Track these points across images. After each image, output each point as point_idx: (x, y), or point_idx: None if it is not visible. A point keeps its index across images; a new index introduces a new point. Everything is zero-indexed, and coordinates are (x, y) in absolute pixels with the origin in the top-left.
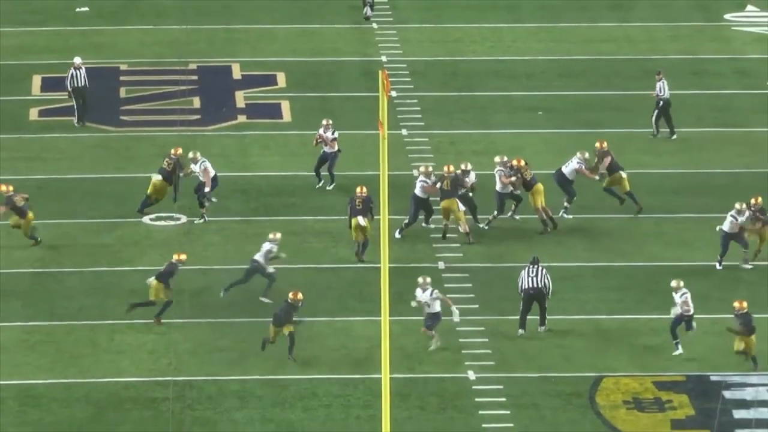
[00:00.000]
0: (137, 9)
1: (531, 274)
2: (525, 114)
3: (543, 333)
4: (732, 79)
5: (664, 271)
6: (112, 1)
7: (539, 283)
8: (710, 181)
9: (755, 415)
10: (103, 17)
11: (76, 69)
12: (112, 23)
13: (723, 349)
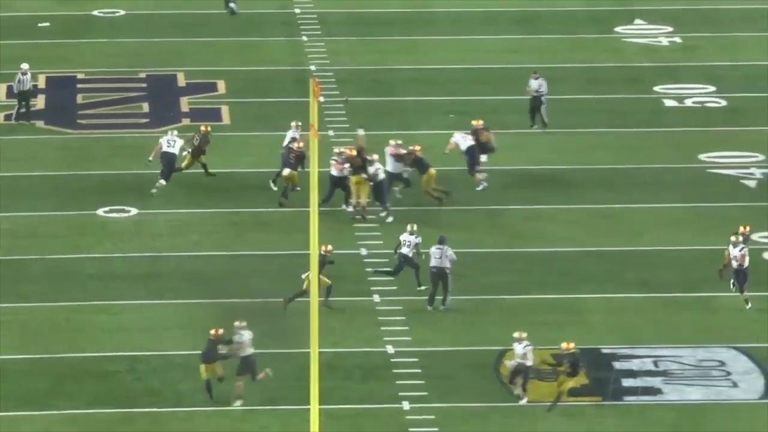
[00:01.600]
0: (93, 24)
1: (436, 255)
2: (439, 117)
3: (453, 311)
4: (624, 86)
5: (561, 256)
6: (71, 17)
7: (443, 263)
8: (604, 176)
9: (642, 383)
10: (62, 32)
11: (23, 74)
12: (70, 37)
13: (612, 324)
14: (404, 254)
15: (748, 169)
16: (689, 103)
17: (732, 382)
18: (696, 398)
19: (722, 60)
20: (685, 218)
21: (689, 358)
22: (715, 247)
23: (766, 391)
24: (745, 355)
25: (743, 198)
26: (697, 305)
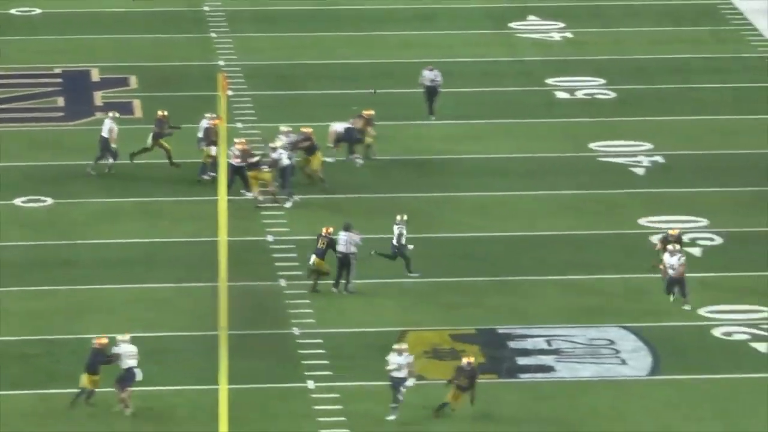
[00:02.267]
0: (12, 22)
1: (342, 241)
2: (342, 109)
3: (356, 294)
4: (518, 80)
5: (460, 240)
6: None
7: (348, 249)
8: (500, 164)
9: (535, 362)
10: None
11: None
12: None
13: (508, 305)
14: (399, 246)
15: (636, 157)
16: (580, 95)
17: (621, 360)
18: (587, 375)
19: (610, 54)
20: (577, 204)
21: (581, 337)
22: (605, 231)
23: (653, 368)
24: (634, 334)
25: (632, 185)
26: (589, 287)
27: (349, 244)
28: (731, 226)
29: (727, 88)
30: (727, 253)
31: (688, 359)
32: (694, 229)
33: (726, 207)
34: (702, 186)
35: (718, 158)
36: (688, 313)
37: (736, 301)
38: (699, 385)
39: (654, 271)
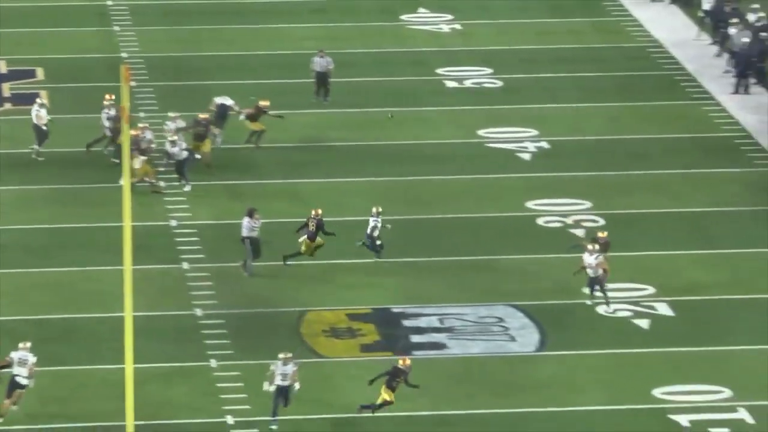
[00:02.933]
0: None
1: (246, 226)
2: (241, 98)
3: (256, 275)
4: (410, 69)
5: (356, 224)
6: None
7: (252, 233)
8: (393, 150)
9: (428, 339)
10: None
11: None
12: None
13: (403, 286)
14: (374, 237)
15: (522, 143)
16: (468, 84)
17: (510, 337)
18: (477, 351)
19: (497, 45)
20: (467, 189)
21: (471, 315)
22: (493, 214)
23: (540, 344)
24: (522, 312)
25: (519, 170)
26: (479, 267)
27: (253, 229)
28: (613, 209)
29: (608, 77)
30: (609, 234)
31: (574, 335)
32: (578, 212)
33: (608, 190)
34: (585, 170)
35: (600, 143)
36: (573, 291)
37: (619, 280)
38: (583, 359)
39: (580, 272)
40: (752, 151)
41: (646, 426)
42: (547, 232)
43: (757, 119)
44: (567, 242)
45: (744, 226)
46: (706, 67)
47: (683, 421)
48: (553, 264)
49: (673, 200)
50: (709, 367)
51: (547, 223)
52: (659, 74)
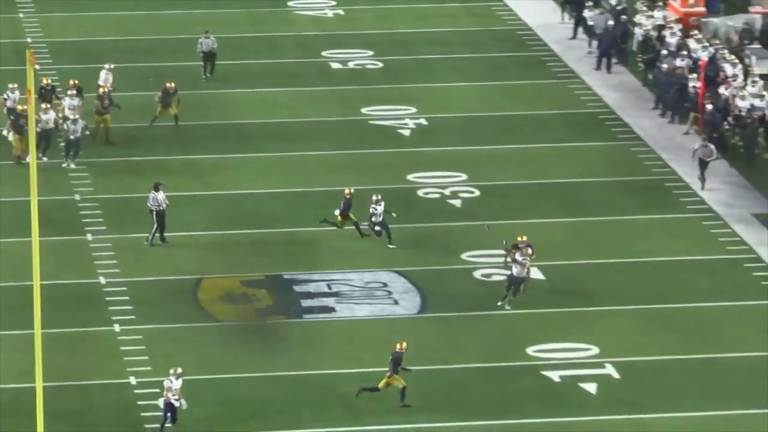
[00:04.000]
0: None
1: (152, 199)
2: (139, 81)
3: (162, 245)
4: (296, 52)
5: (246, 197)
6: None
7: (160, 206)
8: (280, 129)
9: (318, 303)
10: None
11: None
12: None
13: (293, 253)
14: (374, 223)
15: (402, 120)
16: (351, 66)
17: (394, 300)
18: (363, 314)
19: (378, 29)
20: (350, 164)
21: (357, 281)
22: (377, 186)
23: (421, 307)
24: (404, 277)
25: (399, 145)
26: (357, 235)
27: (161, 202)
28: (487, 180)
29: (481, 58)
30: (484, 204)
31: (453, 299)
32: (454, 183)
33: (482, 163)
34: (461, 145)
35: (474, 120)
36: (452, 258)
37: (493, 247)
38: (462, 321)
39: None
40: (615, 126)
41: (521, 382)
42: (426, 203)
43: (619, 96)
44: (445, 212)
45: (609, 195)
46: (570, 48)
47: (555, 377)
48: (433, 232)
49: (543, 172)
50: (578, 326)
51: (427, 194)
52: (527, 55)
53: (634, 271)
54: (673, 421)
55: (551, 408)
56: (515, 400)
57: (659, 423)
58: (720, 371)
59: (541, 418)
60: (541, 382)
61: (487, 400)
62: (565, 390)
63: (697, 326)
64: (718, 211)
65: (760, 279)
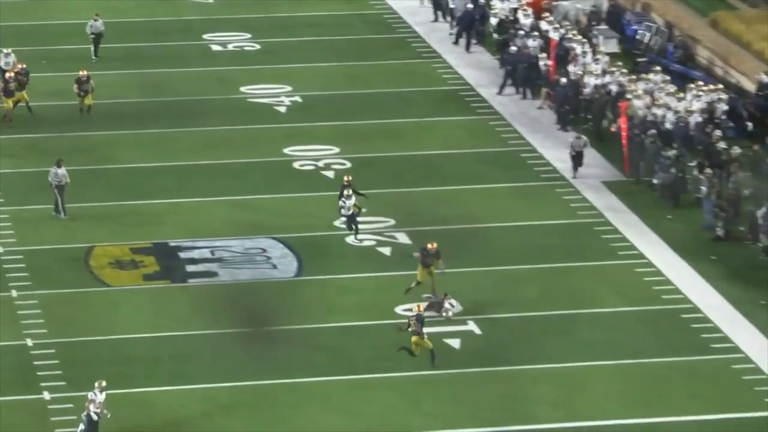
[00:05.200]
0: None
1: (54, 174)
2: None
3: (63, 217)
4: (180, 36)
5: (133, 171)
6: None
7: (62, 181)
8: (172, 107)
9: (202, 268)
10: None
11: None
12: None
13: (181, 222)
14: (345, 215)
15: (278, 98)
16: (231, 47)
17: (272, 265)
18: (245, 278)
19: (255, 13)
20: (230, 139)
21: (238, 247)
22: (255, 159)
23: (298, 270)
24: (281, 243)
25: (276, 121)
26: (244, 205)
27: (63, 177)
28: (358, 153)
29: (351, 40)
30: (354, 174)
31: (327, 262)
32: (327, 156)
33: (353, 137)
34: (333, 120)
35: (345, 97)
36: (325, 225)
37: (365, 215)
38: (337, 282)
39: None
40: (475, 102)
41: (391, 339)
42: (301, 174)
43: (478, 74)
44: (318, 182)
45: (470, 167)
46: (433, 30)
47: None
48: (308, 201)
49: (408, 145)
50: (442, 285)
51: (302, 166)
52: (393, 37)
53: (491, 234)
54: (535, 372)
55: (418, 362)
56: (387, 356)
57: (523, 374)
58: (577, 325)
59: (410, 372)
60: (409, 339)
61: (361, 356)
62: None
63: (552, 285)
64: (569, 179)
65: (609, 241)
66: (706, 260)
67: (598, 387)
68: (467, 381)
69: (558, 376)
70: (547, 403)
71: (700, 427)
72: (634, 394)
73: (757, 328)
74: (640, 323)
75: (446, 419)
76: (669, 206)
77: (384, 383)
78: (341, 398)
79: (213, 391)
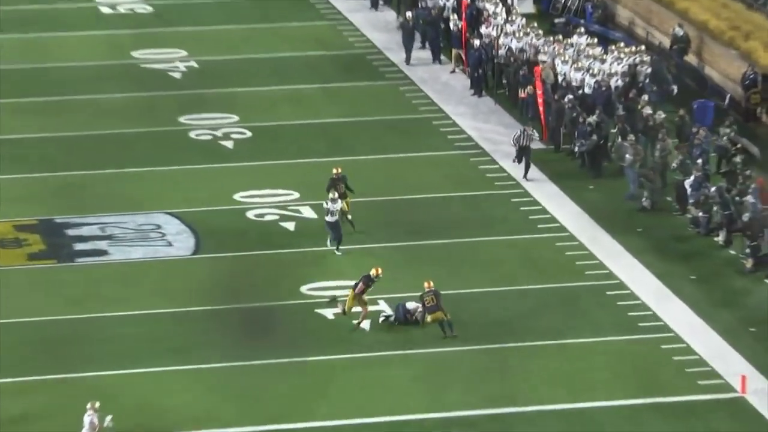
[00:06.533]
0: None
1: None
2: None
3: None
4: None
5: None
6: None
7: None
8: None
9: (91, 246)
10: None
11: None
12: None
13: (64, 199)
14: (329, 222)
15: (173, 63)
16: (122, 10)
17: (167, 242)
18: (138, 257)
19: None
20: (122, 107)
21: (130, 223)
22: (149, 129)
23: (195, 248)
24: (177, 219)
25: (170, 87)
26: (137, 177)
27: None
28: (259, 121)
29: (251, 2)
30: (256, 144)
31: (225, 239)
32: (226, 125)
33: (254, 104)
34: (232, 86)
35: (245, 62)
36: (225, 199)
37: (266, 186)
38: (236, 261)
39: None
40: (383, 66)
41: (296, 320)
42: (198, 144)
43: (386, 37)
44: (217, 153)
45: (376, 135)
46: None
47: (329, 315)
48: (206, 174)
49: (313, 113)
50: (349, 264)
51: (199, 136)
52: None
53: (402, 206)
54: (448, 355)
55: (328, 346)
56: (292, 339)
57: (436, 357)
58: (492, 303)
59: (317, 356)
60: (315, 321)
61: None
62: (339, 328)
63: (467, 261)
64: (485, 148)
65: (527, 213)
66: (631, 233)
67: (516, 369)
68: (381, 364)
69: (472, 358)
70: (460, 390)
71: (628, 411)
72: (554, 378)
73: (686, 304)
74: (561, 301)
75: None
76: (591, 176)
77: (293, 368)
78: (239, 384)
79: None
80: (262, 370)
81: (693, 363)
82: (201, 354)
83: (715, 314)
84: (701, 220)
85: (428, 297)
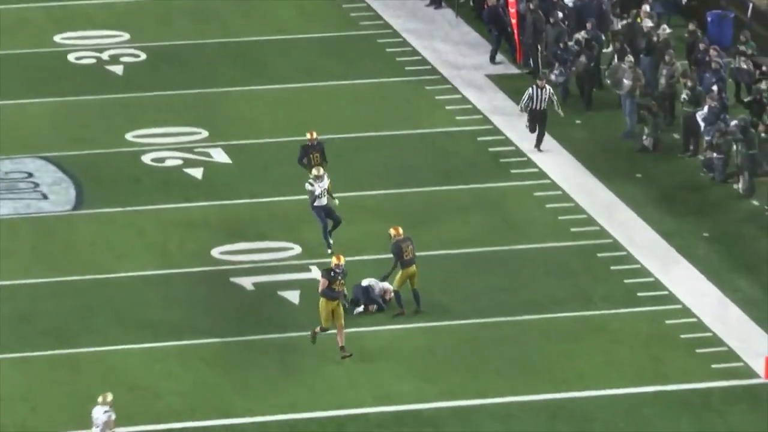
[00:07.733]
0: None
1: None
2: None
3: None
4: None
5: None
6: None
7: None
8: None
9: None
10: None
11: None
12: None
13: None
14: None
15: None
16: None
17: (42, 194)
18: (6, 213)
19: None
20: None
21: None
22: (27, 50)
23: (77, 202)
24: (54, 165)
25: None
26: (4, 113)
27: None
28: (155, 41)
29: None
30: (151, 69)
31: (115, 190)
32: (114, 45)
33: (148, 20)
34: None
35: None
36: (114, 139)
37: (166, 123)
38: (126, 217)
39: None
40: None
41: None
42: (80, 70)
43: None
44: (103, 80)
45: (309, 58)
46: None
47: (248, 285)
48: (89, 106)
49: (224, 31)
50: (278, 223)
51: (80, 59)
52: None
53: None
54: (414, 331)
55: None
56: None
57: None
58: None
59: (234, 337)
60: (231, 291)
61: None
62: (260, 301)
63: (427, 217)
64: (444, 73)
65: (499, 156)
66: (629, 179)
67: (489, 352)
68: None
69: (431, 339)
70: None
71: (624, 403)
72: (533, 361)
73: (697, 269)
74: (541, 266)
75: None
76: (579, 107)
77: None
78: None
79: None
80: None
81: (705, 342)
82: (84, 338)
83: (734, 281)
84: (716, 163)
85: (407, 247)
